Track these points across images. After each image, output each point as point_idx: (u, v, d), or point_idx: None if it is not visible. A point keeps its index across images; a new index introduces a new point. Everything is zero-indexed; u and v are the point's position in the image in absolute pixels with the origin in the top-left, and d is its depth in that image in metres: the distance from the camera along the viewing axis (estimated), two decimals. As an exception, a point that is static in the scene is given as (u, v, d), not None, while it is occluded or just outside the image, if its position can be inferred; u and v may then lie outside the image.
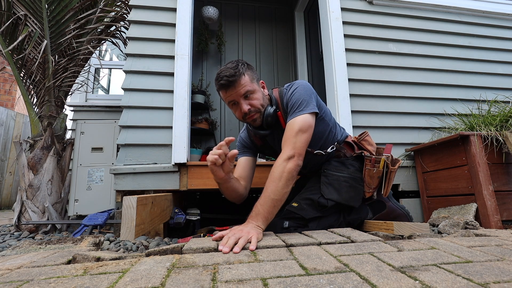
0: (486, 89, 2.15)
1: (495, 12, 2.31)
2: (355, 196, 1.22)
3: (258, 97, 1.16)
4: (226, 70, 1.11)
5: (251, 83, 1.14)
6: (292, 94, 1.16)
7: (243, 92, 1.12)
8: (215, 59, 3.27)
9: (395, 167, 1.24)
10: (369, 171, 1.24)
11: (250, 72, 1.15)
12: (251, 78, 1.15)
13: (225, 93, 1.14)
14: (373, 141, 1.35)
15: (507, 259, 0.66)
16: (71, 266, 0.68)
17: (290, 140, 1.07)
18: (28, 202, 1.67)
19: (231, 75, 1.10)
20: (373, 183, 1.24)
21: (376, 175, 1.24)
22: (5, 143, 4.17)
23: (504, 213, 1.42)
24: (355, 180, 1.24)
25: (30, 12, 1.77)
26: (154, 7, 1.84)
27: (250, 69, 1.16)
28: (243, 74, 1.11)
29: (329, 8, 2.01)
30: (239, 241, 0.80)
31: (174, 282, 0.55)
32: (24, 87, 1.86)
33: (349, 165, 1.27)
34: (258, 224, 0.93)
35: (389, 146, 1.29)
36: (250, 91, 1.14)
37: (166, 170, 1.62)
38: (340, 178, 1.22)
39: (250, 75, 1.14)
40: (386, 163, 1.23)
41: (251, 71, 1.16)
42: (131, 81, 1.72)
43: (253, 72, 1.17)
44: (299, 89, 1.16)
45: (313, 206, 1.17)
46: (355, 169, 1.26)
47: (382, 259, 0.66)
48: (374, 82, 1.98)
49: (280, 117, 1.21)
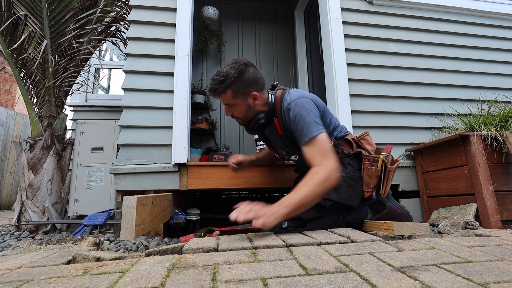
0: (486, 89, 2.15)
1: (495, 12, 2.31)
2: (354, 195, 1.23)
3: (240, 110, 1.23)
4: (213, 81, 1.18)
5: (233, 99, 1.20)
6: (294, 117, 1.15)
7: (225, 103, 1.24)
8: (215, 59, 3.27)
9: (394, 166, 1.24)
10: (367, 170, 1.24)
11: (236, 87, 1.17)
12: (235, 93, 1.18)
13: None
14: (372, 141, 1.35)
15: (507, 259, 0.66)
16: (71, 266, 0.68)
17: (327, 158, 1.07)
18: (28, 202, 1.67)
19: (212, 89, 1.19)
20: (371, 183, 1.25)
21: (375, 174, 1.24)
22: (5, 143, 4.17)
23: (504, 213, 1.42)
24: (354, 179, 1.24)
25: (30, 12, 1.77)
26: (154, 7, 1.84)
27: (238, 84, 1.17)
28: (223, 92, 1.18)
29: (329, 8, 2.01)
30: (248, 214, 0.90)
31: (174, 282, 0.55)
32: (24, 87, 1.86)
33: (347, 164, 1.27)
34: (277, 215, 0.94)
35: (389, 146, 1.30)
36: (231, 104, 1.22)
37: (166, 170, 1.62)
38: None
39: (235, 90, 1.17)
40: (385, 162, 1.23)
41: (239, 84, 1.17)
42: (131, 81, 1.72)
43: (241, 86, 1.18)
44: (300, 111, 1.15)
45: (312, 208, 1.18)
46: (353, 168, 1.27)
47: (382, 259, 0.66)
48: (374, 82, 1.98)
49: (277, 124, 1.27)
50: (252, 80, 1.20)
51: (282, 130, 1.27)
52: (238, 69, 1.16)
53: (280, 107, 1.23)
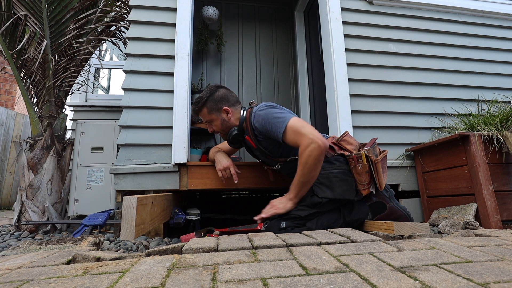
0: (486, 89, 2.15)
1: (495, 12, 2.31)
2: (348, 188, 1.23)
3: (217, 124, 1.43)
4: (193, 104, 1.45)
5: (209, 115, 1.42)
6: (262, 118, 1.28)
7: (205, 120, 1.46)
8: (215, 59, 3.27)
9: (379, 158, 1.25)
10: (355, 168, 1.25)
11: (209, 105, 1.40)
12: (209, 110, 1.41)
13: None
14: (353, 140, 1.36)
15: (507, 259, 0.66)
16: (71, 266, 0.68)
17: (301, 135, 1.17)
18: (28, 202, 1.67)
19: (194, 110, 1.46)
20: (363, 179, 1.25)
21: (363, 171, 1.24)
22: (5, 143, 4.17)
23: (504, 213, 1.42)
24: (344, 173, 1.25)
25: (30, 12, 1.77)
26: (154, 7, 1.84)
27: (210, 102, 1.40)
28: (200, 111, 1.43)
29: (329, 8, 2.01)
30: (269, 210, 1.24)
31: (174, 282, 0.55)
32: (24, 87, 1.86)
33: (334, 161, 1.29)
34: (289, 197, 1.23)
35: (372, 140, 1.32)
36: (209, 121, 1.44)
37: (166, 170, 1.62)
38: (329, 174, 1.24)
39: (209, 107, 1.41)
40: (368, 156, 1.24)
41: (211, 103, 1.40)
42: (131, 81, 1.72)
43: (213, 103, 1.40)
44: (266, 111, 1.29)
45: (308, 205, 1.21)
46: (340, 163, 1.28)
47: (382, 259, 0.66)
48: (374, 82, 1.98)
49: (249, 139, 1.40)
50: (222, 97, 1.40)
51: (255, 143, 1.38)
52: (210, 91, 1.41)
53: (250, 121, 1.35)
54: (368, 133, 1.88)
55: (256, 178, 1.71)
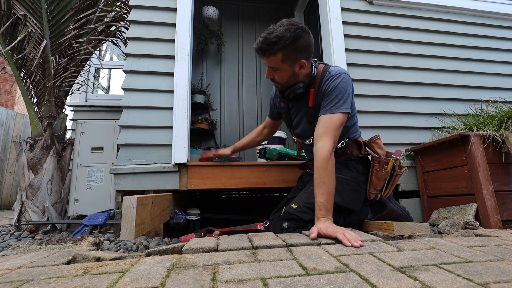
0: (486, 89, 2.14)
1: (495, 12, 2.31)
2: (356, 199, 1.22)
3: (283, 75, 1.19)
4: (264, 39, 1.10)
5: (281, 63, 1.14)
6: (334, 87, 1.17)
7: (269, 65, 1.18)
8: (215, 59, 3.27)
9: (402, 171, 1.25)
10: (377, 172, 1.23)
11: (288, 52, 1.11)
12: (285, 58, 1.13)
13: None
14: (383, 146, 1.34)
15: (507, 259, 0.66)
16: (71, 266, 0.68)
17: (331, 132, 1.11)
18: (28, 202, 1.67)
19: (262, 49, 1.12)
20: (379, 185, 1.24)
21: (384, 177, 1.23)
22: (5, 143, 4.17)
23: (504, 213, 1.42)
24: (358, 184, 1.23)
25: (29, 12, 1.77)
26: (154, 7, 1.84)
27: (290, 48, 1.10)
28: (273, 54, 1.12)
29: (329, 8, 2.01)
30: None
31: (174, 282, 0.55)
32: (24, 87, 1.86)
33: (353, 168, 1.27)
34: (327, 217, 1.02)
35: (398, 151, 1.30)
36: (275, 68, 1.17)
37: (166, 170, 1.62)
38: (342, 180, 1.21)
39: (286, 54, 1.12)
40: (394, 165, 1.23)
41: (291, 50, 1.11)
42: (131, 81, 1.72)
43: (293, 51, 1.12)
44: (341, 85, 1.18)
45: (312, 209, 1.17)
46: (358, 173, 1.26)
47: (382, 259, 0.66)
48: (374, 82, 1.98)
49: (311, 93, 1.23)
50: (304, 47, 1.13)
51: (314, 102, 1.23)
52: (295, 33, 1.09)
53: (321, 78, 1.21)
54: (368, 133, 1.87)
55: (256, 178, 1.71)
